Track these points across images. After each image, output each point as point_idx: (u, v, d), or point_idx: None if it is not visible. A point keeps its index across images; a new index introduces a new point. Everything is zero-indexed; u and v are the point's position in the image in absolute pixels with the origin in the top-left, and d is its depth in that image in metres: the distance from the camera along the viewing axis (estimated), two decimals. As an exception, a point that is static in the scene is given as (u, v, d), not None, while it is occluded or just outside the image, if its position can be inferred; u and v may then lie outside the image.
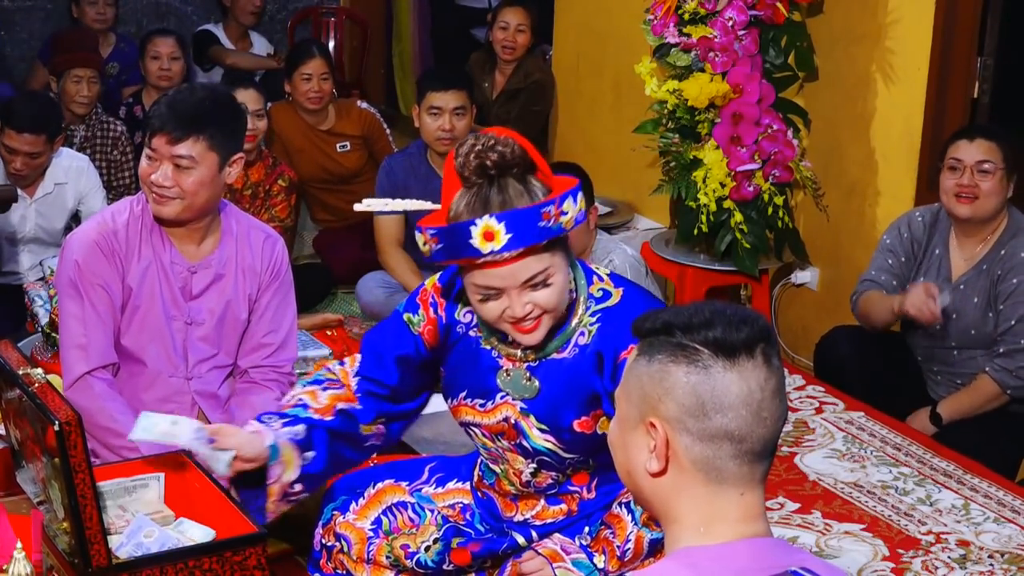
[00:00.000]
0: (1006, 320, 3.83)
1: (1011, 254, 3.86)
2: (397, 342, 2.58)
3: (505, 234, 2.20)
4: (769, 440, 1.56)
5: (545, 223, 2.22)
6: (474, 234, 2.20)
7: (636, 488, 1.63)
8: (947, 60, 4.38)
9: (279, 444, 2.49)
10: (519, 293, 2.28)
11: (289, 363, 3.31)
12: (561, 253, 2.32)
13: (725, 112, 4.43)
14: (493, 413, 2.49)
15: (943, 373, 4.01)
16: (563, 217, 2.24)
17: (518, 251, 2.22)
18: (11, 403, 2.45)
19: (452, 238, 2.23)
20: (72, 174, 4.84)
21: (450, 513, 2.65)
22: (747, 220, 4.50)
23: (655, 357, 1.57)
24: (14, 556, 2.20)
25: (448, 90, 4.70)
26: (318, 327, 4.79)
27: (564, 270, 2.33)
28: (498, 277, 2.27)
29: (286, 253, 3.30)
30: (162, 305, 3.12)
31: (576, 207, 2.26)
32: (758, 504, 1.58)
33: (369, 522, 2.62)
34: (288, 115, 5.58)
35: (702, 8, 4.38)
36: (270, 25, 7.72)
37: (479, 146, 2.22)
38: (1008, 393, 3.84)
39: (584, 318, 2.42)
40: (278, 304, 3.26)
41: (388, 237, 4.88)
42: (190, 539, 2.49)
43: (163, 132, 2.99)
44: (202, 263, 3.16)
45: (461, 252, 2.23)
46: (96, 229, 3.10)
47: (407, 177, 4.82)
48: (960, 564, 3.30)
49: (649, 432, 1.57)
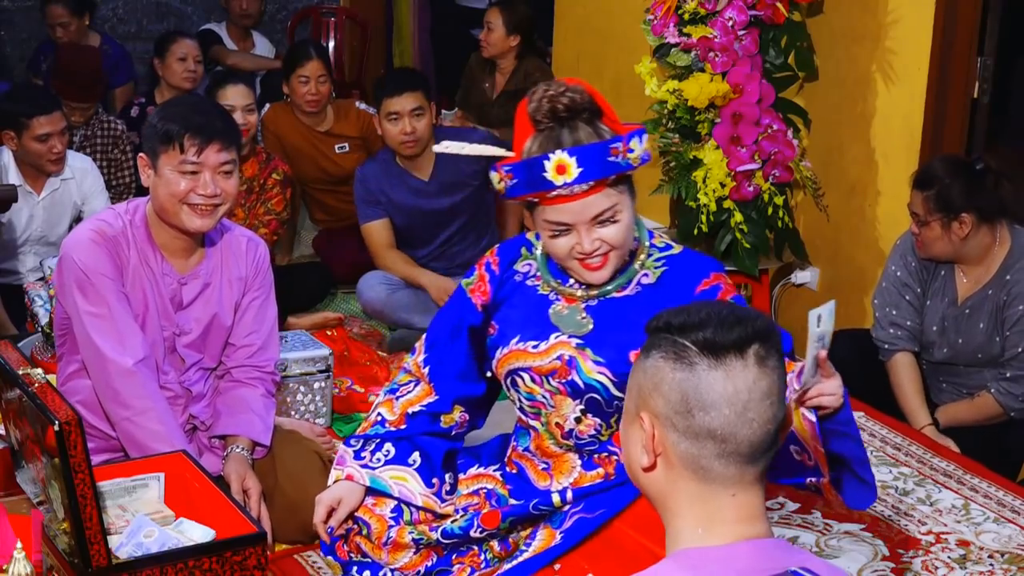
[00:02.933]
0: (1013, 347, 3.80)
1: (1016, 279, 3.80)
2: (460, 311, 2.70)
3: (576, 167, 2.36)
4: (756, 443, 1.56)
5: (614, 158, 2.39)
6: (547, 168, 2.37)
7: (637, 483, 1.65)
8: (947, 60, 4.38)
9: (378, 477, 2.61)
10: (588, 229, 2.43)
11: (271, 363, 3.33)
12: (628, 192, 2.47)
13: (725, 112, 4.43)
14: (547, 353, 2.56)
15: (949, 382, 3.99)
16: (630, 154, 2.40)
17: (588, 184, 2.38)
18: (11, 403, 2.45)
19: (527, 172, 2.40)
20: (77, 173, 4.91)
21: (474, 501, 2.65)
22: (747, 220, 4.50)
23: (651, 353, 1.60)
24: (14, 556, 2.20)
25: (402, 93, 4.70)
26: (318, 327, 4.79)
27: (630, 208, 2.48)
28: (569, 212, 2.42)
29: (268, 254, 3.33)
30: (154, 315, 3.12)
31: (642, 146, 2.42)
32: (755, 505, 1.58)
33: (389, 509, 2.62)
34: (286, 116, 5.58)
35: (702, 8, 4.38)
36: (270, 25, 7.72)
37: (551, 91, 2.42)
38: (1011, 415, 3.84)
39: (647, 262, 2.57)
40: (260, 305, 3.29)
41: (380, 241, 4.90)
42: (190, 539, 2.50)
43: (214, 143, 3.01)
44: (191, 274, 3.17)
45: (536, 185, 2.40)
46: (93, 231, 3.09)
47: (382, 182, 4.86)
48: (960, 564, 3.30)
49: (641, 426, 1.59)
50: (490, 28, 6.10)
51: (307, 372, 3.96)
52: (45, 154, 4.70)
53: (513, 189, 2.44)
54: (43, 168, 4.76)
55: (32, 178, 4.80)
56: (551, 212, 2.44)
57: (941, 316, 3.91)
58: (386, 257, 4.89)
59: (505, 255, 2.69)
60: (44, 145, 4.69)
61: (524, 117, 2.46)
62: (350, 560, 2.65)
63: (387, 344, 4.80)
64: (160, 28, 7.62)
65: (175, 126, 3.00)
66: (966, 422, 3.89)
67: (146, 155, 3.06)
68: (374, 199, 4.87)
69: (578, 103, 2.41)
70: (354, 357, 4.58)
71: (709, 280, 2.52)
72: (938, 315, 3.92)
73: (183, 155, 3.00)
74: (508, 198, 2.48)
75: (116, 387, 3.02)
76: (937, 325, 3.92)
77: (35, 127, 4.66)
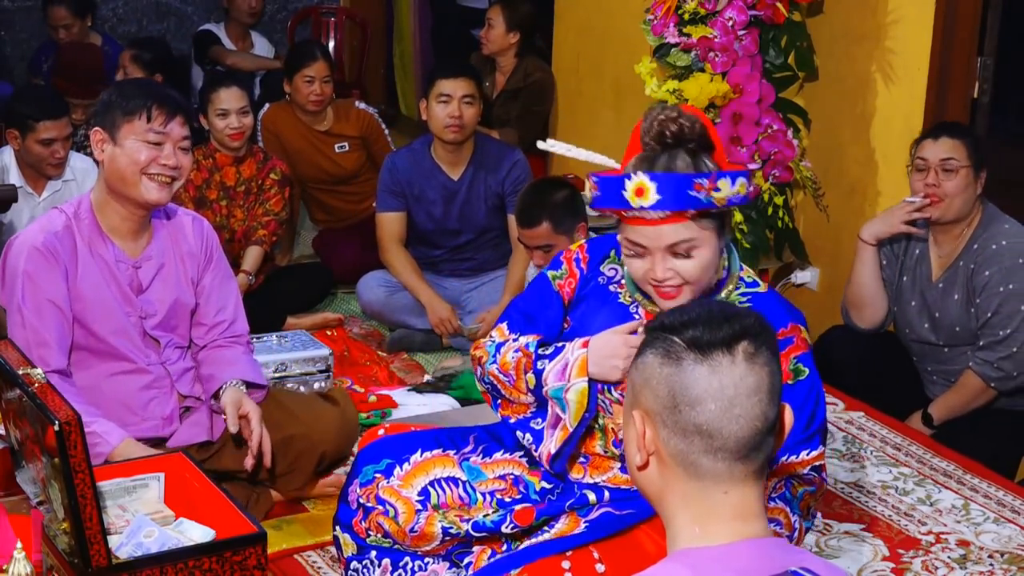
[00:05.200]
0: (983, 313, 3.83)
1: (983, 247, 3.86)
2: (544, 300, 2.67)
3: (655, 193, 2.32)
4: (744, 439, 1.56)
5: (696, 193, 2.32)
6: (627, 187, 2.34)
7: (636, 483, 1.66)
8: (947, 60, 4.38)
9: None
10: (663, 257, 2.39)
11: (244, 332, 3.41)
12: (712, 230, 2.40)
13: (725, 112, 4.43)
14: None
15: (937, 372, 4.02)
16: (715, 193, 2.33)
17: (665, 213, 2.33)
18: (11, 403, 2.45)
19: (608, 187, 2.38)
20: (79, 174, 4.90)
21: (500, 487, 2.65)
22: (747, 220, 4.50)
23: (644, 352, 1.61)
24: (14, 556, 2.20)
25: (458, 77, 4.71)
26: (318, 327, 4.79)
27: (712, 247, 2.41)
28: (644, 236, 2.38)
29: (213, 231, 3.40)
30: (116, 303, 3.17)
31: (734, 188, 2.35)
32: (750, 503, 1.59)
33: (416, 492, 2.62)
34: (286, 116, 5.57)
35: (702, 8, 4.38)
36: (270, 25, 7.72)
37: (663, 115, 2.38)
38: (992, 386, 3.84)
39: (733, 295, 2.53)
40: (220, 283, 3.36)
41: (390, 234, 4.88)
42: (190, 539, 2.49)
43: (179, 116, 3.11)
44: (143, 256, 3.22)
45: (612, 202, 2.37)
46: (37, 234, 3.12)
47: (411, 172, 4.83)
48: (960, 564, 3.30)
49: (634, 424, 1.60)
50: (490, 25, 6.10)
51: (307, 372, 3.96)
52: (47, 158, 4.70)
53: (596, 200, 2.42)
54: (43, 172, 4.76)
55: (33, 179, 4.80)
56: (629, 231, 2.42)
57: (919, 293, 3.97)
58: (393, 252, 4.88)
59: (595, 253, 2.67)
60: (47, 149, 4.69)
61: (636, 135, 2.44)
62: (367, 540, 2.64)
63: (387, 344, 4.80)
64: (160, 28, 7.62)
65: (141, 99, 3.09)
66: (957, 410, 3.90)
67: (103, 128, 3.10)
68: (399, 190, 4.85)
69: (686, 132, 2.37)
70: (354, 357, 4.58)
71: (786, 331, 2.47)
72: (915, 293, 3.98)
73: (150, 124, 3.07)
74: (594, 208, 2.45)
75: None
76: (916, 301, 3.97)
77: (40, 131, 4.66)
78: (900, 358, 4.10)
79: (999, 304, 3.80)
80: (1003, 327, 3.80)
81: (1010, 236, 3.85)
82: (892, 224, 3.96)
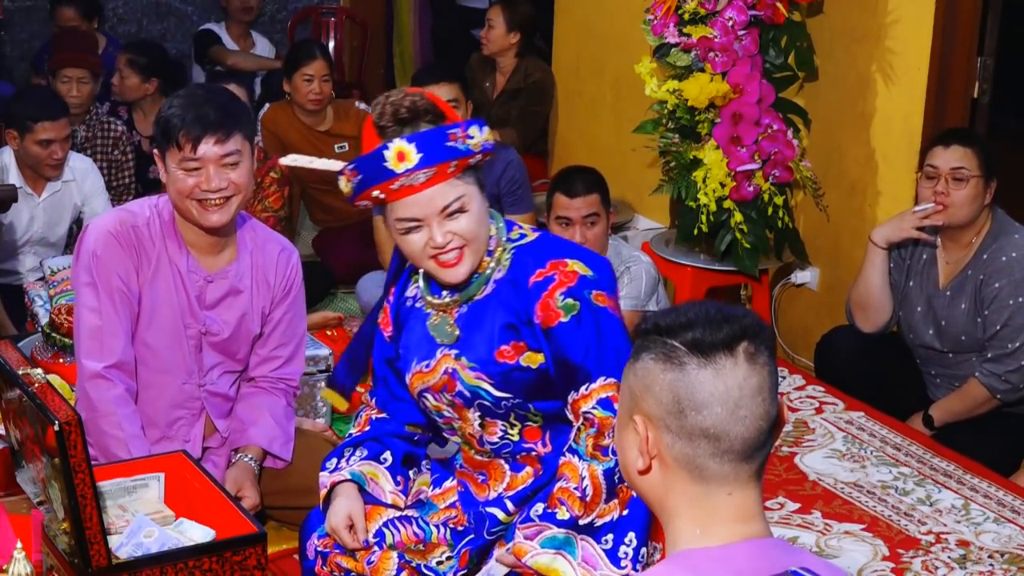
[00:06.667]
0: (992, 326, 3.83)
1: (992, 258, 3.85)
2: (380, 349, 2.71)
3: (416, 153, 2.36)
4: (749, 440, 1.56)
5: (453, 143, 2.38)
6: (387, 156, 2.37)
7: (635, 487, 1.65)
8: (947, 60, 4.38)
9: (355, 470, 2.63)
10: (439, 222, 2.41)
11: (296, 376, 3.32)
12: (474, 182, 2.44)
13: (725, 112, 4.43)
14: (435, 370, 2.55)
15: (942, 376, 4.01)
16: (470, 140, 2.40)
17: (431, 169, 2.36)
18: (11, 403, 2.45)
19: (369, 165, 2.39)
20: (78, 174, 4.91)
21: (451, 515, 2.65)
22: (747, 220, 4.50)
23: (640, 356, 1.60)
24: (14, 556, 2.20)
25: (440, 83, 4.67)
26: (318, 326, 4.79)
27: (479, 201, 2.44)
28: (416, 205, 2.40)
29: (300, 267, 3.26)
30: (178, 312, 3.09)
31: (482, 135, 2.42)
32: (752, 504, 1.59)
33: (371, 535, 2.61)
34: (286, 115, 5.58)
35: (702, 8, 4.38)
36: (270, 25, 7.72)
37: (393, 97, 2.44)
38: (998, 398, 3.84)
39: (501, 256, 2.52)
40: (291, 319, 3.26)
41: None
42: (190, 539, 2.49)
43: (208, 136, 2.92)
44: (218, 273, 3.12)
45: (378, 176, 2.38)
46: (115, 221, 3.05)
47: None
48: (960, 564, 3.30)
49: (636, 430, 1.59)
50: (491, 25, 6.10)
51: (307, 372, 3.95)
52: (45, 159, 4.70)
53: (358, 186, 2.41)
54: (41, 172, 4.76)
55: (32, 179, 4.80)
56: (399, 208, 2.41)
57: (926, 299, 3.95)
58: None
59: (399, 284, 2.68)
60: (45, 150, 4.68)
61: (370, 129, 2.44)
62: None
63: (387, 344, 4.80)
64: (160, 28, 7.62)
65: (172, 122, 2.94)
66: (959, 415, 3.90)
67: (158, 153, 3.01)
68: None
69: (420, 106, 2.41)
70: (354, 357, 4.58)
71: (544, 271, 2.44)
72: (922, 298, 3.96)
73: (181, 152, 2.93)
74: (355, 198, 2.44)
75: (85, 387, 3.03)
76: (922, 307, 3.96)
77: (39, 131, 4.66)
78: (903, 359, 4.10)
79: (1009, 316, 3.79)
80: (1012, 340, 3.80)
81: (1021, 248, 3.83)
82: (903, 229, 3.95)
